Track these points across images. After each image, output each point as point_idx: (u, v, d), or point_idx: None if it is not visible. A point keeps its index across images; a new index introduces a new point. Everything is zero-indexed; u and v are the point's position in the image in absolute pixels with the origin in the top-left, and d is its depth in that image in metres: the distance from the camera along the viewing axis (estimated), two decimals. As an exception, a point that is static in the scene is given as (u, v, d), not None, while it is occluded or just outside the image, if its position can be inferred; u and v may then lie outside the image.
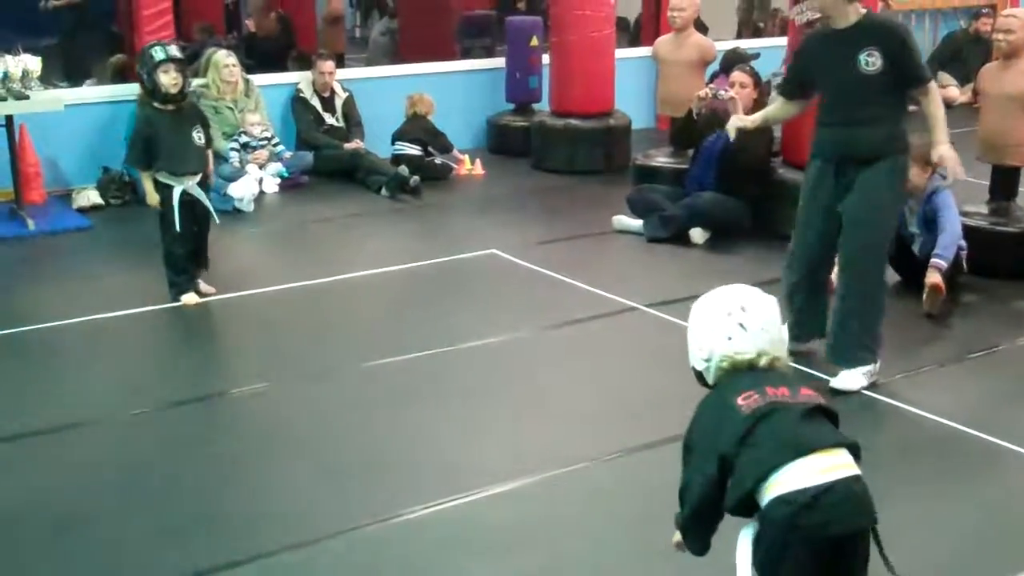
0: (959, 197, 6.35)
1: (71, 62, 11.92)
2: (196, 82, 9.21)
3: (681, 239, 7.35)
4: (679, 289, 6.44)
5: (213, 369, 5.45)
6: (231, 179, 8.43)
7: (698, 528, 2.85)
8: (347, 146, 9.28)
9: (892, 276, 6.55)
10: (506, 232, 7.60)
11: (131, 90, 8.91)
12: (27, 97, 7.62)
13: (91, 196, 8.33)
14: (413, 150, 9.25)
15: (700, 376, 3.04)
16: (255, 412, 4.95)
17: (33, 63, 7.76)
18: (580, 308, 6.16)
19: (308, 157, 9.21)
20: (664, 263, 7.07)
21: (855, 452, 2.76)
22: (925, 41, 13.71)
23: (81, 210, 8.20)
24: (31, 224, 7.70)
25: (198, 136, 6.15)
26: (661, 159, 8.61)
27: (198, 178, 6.16)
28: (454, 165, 9.44)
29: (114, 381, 5.31)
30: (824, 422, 2.81)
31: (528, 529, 3.94)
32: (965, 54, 12.58)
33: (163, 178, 6.05)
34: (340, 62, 11.25)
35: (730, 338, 2.90)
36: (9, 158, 7.81)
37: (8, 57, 7.65)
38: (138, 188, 8.44)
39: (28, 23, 11.95)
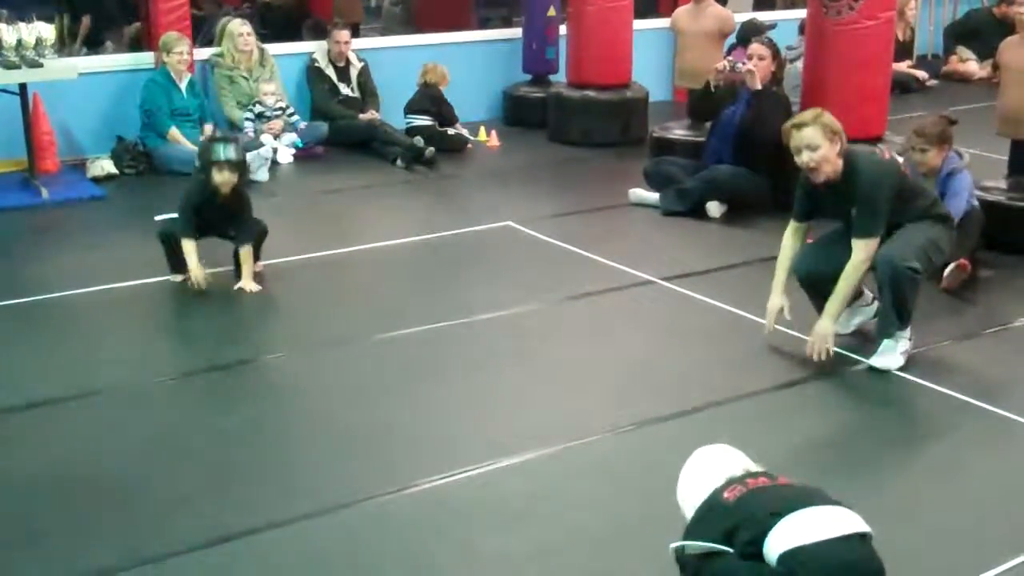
0: (977, 174, 6.30)
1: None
2: (210, 51, 9.20)
3: (698, 212, 7.31)
4: (695, 263, 6.43)
5: (228, 339, 5.45)
6: (245, 149, 8.40)
7: None
8: (362, 117, 9.25)
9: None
10: (522, 204, 7.57)
11: (146, 59, 8.92)
12: (41, 65, 7.59)
13: (105, 165, 8.31)
14: (424, 121, 9.21)
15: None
16: (271, 382, 4.95)
17: (47, 31, 7.74)
18: (595, 281, 6.14)
19: (323, 127, 9.18)
20: (680, 236, 7.03)
21: None
22: (944, 16, 13.59)
23: (95, 179, 8.19)
24: (45, 193, 7.70)
25: (242, 218, 6.15)
26: (678, 132, 8.55)
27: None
28: (469, 137, 9.39)
29: (130, 350, 5.31)
30: None
31: (541, 501, 3.93)
32: (985, 34, 12.42)
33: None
34: (356, 32, 11.20)
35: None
36: (23, 127, 7.80)
37: (21, 25, 7.63)
38: (152, 157, 8.47)
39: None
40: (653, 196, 7.55)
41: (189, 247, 5.93)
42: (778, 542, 2.83)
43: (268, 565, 3.57)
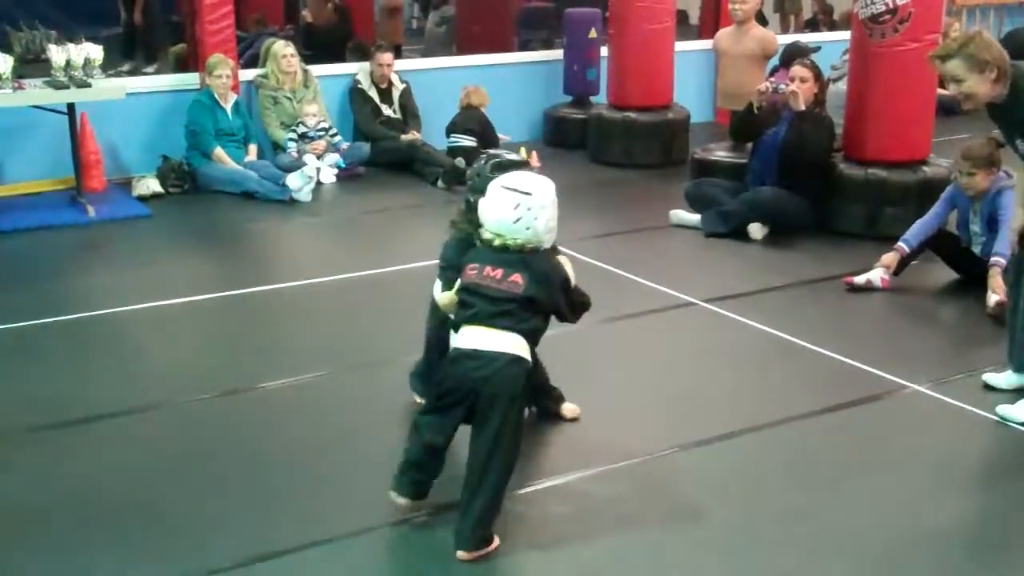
0: None
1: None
2: (255, 72, 9.28)
3: (739, 234, 7.29)
4: (737, 285, 6.40)
5: (271, 357, 5.47)
6: (289, 169, 8.47)
7: None
8: (404, 137, 9.30)
9: (951, 275, 6.47)
10: (562, 225, 7.43)
11: (192, 80, 9.01)
12: (89, 85, 7.69)
13: (151, 184, 8.39)
14: (468, 141, 9.24)
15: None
16: (313, 400, 4.96)
17: (95, 51, 7.84)
18: (636, 302, 6.12)
19: (365, 148, 9.23)
20: (722, 258, 7.01)
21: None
22: (990, 36, 13.48)
23: (141, 198, 8.27)
24: (91, 211, 7.78)
25: None
26: (720, 153, 8.53)
27: None
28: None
29: (173, 368, 5.35)
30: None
31: (584, 523, 3.92)
32: (1031, 50, 12.32)
33: None
34: (398, 53, 11.28)
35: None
36: (70, 146, 7.90)
37: (70, 45, 7.73)
38: (197, 177, 8.55)
39: (90, 12, 12.13)
40: (694, 218, 7.53)
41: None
42: None
43: (310, 583, 3.58)
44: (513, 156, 4.26)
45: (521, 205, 3.76)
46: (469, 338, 3.71)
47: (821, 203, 7.36)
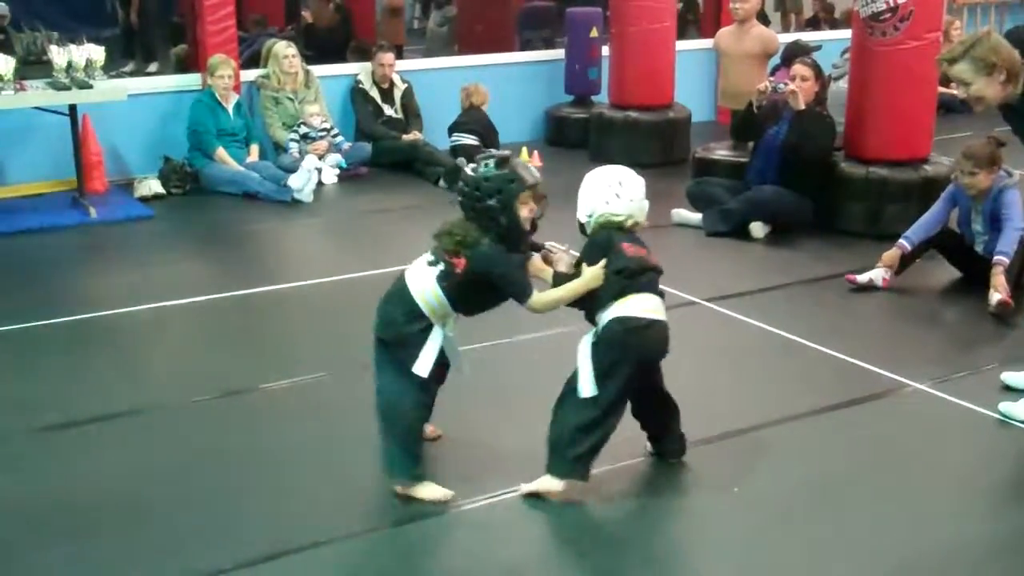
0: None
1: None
2: (256, 73, 9.29)
3: (741, 233, 7.29)
4: (738, 284, 6.40)
5: (273, 358, 5.48)
6: (290, 170, 8.48)
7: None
8: (405, 137, 9.31)
9: (953, 273, 6.48)
10: (563, 225, 7.54)
11: (193, 80, 9.02)
12: (90, 87, 7.70)
13: (153, 185, 8.40)
14: (471, 140, 9.25)
15: (582, 227, 4.27)
16: (314, 402, 4.97)
17: (97, 53, 7.85)
18: (638, 301, 6.11)
19: (367, 148, 9.24)
20: (723, 257, 7.01)
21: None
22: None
23: (143, 199, 8.28)
24: (93, 213, 7.80)
25: None
26: (721, 152, 8.54)
27: None
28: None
29: (175, 369, 5.36)
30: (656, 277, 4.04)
31: (585, 521, 3.93)
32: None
33: None
34: (399, 53, 11.28)
35: (607, 203, 4.18)
36: (72, 147, 7.91)
37: (72, 47, 7.74)
38: (199, 178, 8.55)
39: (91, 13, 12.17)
40: (696, 217, 7.53)
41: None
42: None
43: (313, 584, 3.59)
44: (503, 152, 4.26)
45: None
46: (645, 305, 3.98)
47: (822, 202, 7.37)
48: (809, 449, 4.47)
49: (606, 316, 3.93)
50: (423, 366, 3.96)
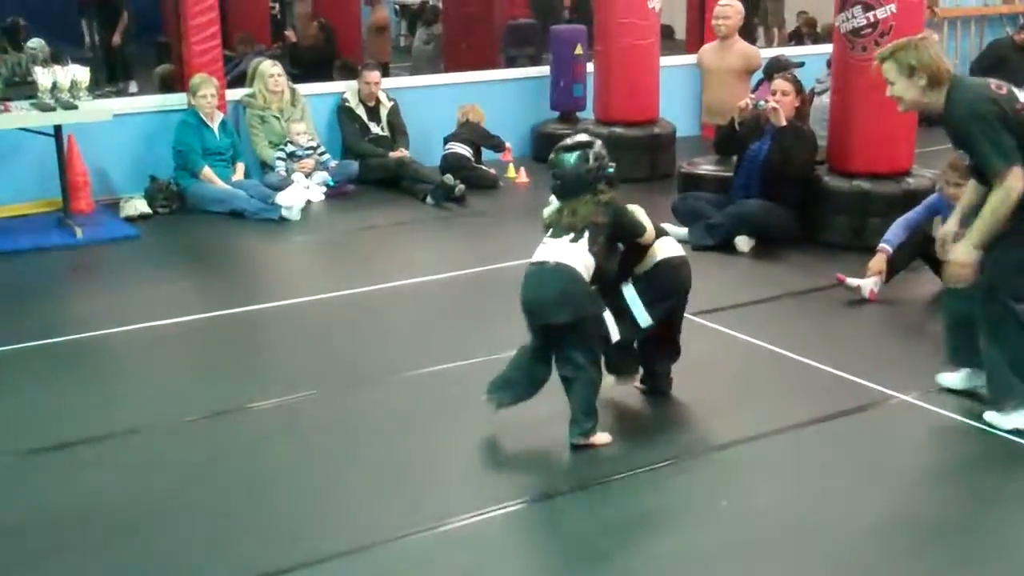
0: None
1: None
2: (242, 91, 9.30)
3: (726, 247, 7.32)
4: (725, 297, 6.42)
5: (261, 377, 5.48)
6: (278, 188, 8.49)
7: None
8: (392, 155, 9.32)
9: (937, 285, 6.49)
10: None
11: (179, 100, 9.02)
12: (75, 107, 7.71)
13: (138, 205, 8.40)
14: (463, 150, 9.38)
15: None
16: (303, 419, 4.97)
17: (81, 73, 7.85)
18: (625, 316, 6.13)
19: (353, 166, 9.26)
20: (710, 271, 7.01)
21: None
22: (971, 48, 13.59)
23: (129, 219, 8.27)
24: (79, 233, 7.78)
25: None
26: (706, 167, 8.56)
27: None
28: (501, 163, 9.50)
29: (164, 389, 5.35)
30: None
31: (570, 539, 3.94)
32: (1010, 62, 12.38)
33: None
34: (385, 71, 11.30)
35: None
36: (58, 167, 7.90)
37: (57, 67, 7.75)
38: (185, 197, 8.55)
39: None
40: (681, 231, 7.54)
41: None
42: None
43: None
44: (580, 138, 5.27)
45: None
46: (676, 246, 5.11)
47: (807, 215, 7.41)
48: (797, 461, 4.49)
49: (652, 260, 4.83)
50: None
